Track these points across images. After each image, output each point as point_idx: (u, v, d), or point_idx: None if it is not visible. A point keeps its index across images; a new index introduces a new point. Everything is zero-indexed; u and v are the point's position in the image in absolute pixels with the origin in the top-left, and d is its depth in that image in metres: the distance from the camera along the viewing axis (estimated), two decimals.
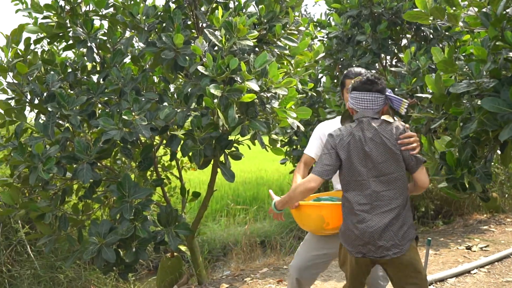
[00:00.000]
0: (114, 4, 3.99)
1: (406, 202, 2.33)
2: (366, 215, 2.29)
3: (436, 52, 3.13)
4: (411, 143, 2.29)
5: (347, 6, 5.51)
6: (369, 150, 2.30)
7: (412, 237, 2.31)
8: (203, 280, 4.44)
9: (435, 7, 2.83)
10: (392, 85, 5.04)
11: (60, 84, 3.82)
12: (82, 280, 4.85)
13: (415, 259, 2.31)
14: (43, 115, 3.86)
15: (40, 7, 3.87)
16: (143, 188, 3.55)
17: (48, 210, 3.63)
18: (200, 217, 4.36)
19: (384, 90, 2.38)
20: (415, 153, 2.29)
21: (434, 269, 4.50)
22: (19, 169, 3.54)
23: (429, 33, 5.49)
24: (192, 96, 3.52)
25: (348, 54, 5.53)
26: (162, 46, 3.57)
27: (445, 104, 2.93)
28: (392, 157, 2.29)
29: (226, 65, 3.23)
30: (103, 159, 3.82)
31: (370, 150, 2.30)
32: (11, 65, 3.57)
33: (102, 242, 3.47)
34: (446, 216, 7.24)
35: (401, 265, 2.28)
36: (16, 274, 4.55)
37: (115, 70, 3.67)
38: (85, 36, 3.86)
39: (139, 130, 3.35)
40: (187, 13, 4.02)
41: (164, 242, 3.71)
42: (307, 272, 2.79)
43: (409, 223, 2.31)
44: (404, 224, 2.28)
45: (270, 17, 3.80)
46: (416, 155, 2.30)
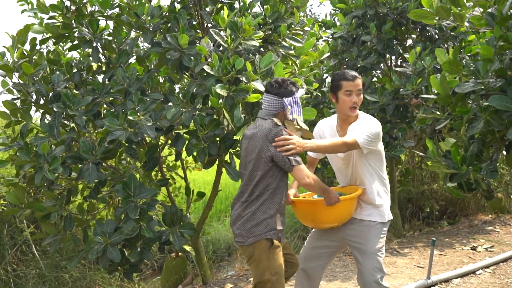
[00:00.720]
0: (119, 4, 4.00)
1: (262, 201, 2.48)
2: (234, 203, 2.62)
3: (440, 54, 3.12)
4: (286, 145, 2.45)
5: (352, 6, 5.51)
6: (245, 147, 2.59)
7: (259, 234, 2.45)
8: (207, 280, 4.44)
9: (441, 7, 2.83)
10: (397, 85, 5.03)
11: (65, 84, 3.83)
12: (87, 280, 4.87)
13: (259, 259, 2.45)
14: (49, 115, 3.88)
15: (46, 7, 3.88)
16: (148, 188, 3.56)
17: (54, 210, 3.64)
18: (205, 217, 4.37)
19: (284, 95, 2.53)
20: (288, 154, 2.44)
21: (439, 270, 4.49)
22: (24, 169, 3.55)
23: (434, 33, 5.48)
24: (198, 96, 3.53)
25: (353, 55, 5.52)
26: (167, 47, 3.58)
27: (450, 104, 2.93)
28: (259, 156, 2.47)
29: (231, 65, 3.23)
30: (108, 159, 3.83)
31: (246, 147, 2.57)
32: (17, 65, 3.58)
33: (107, 242, 3.48)
34: (451, 217, 7.21)
35: (245, 256, 2.53)
36: (21, 273, 4.57)
37: (121, 70, 3.68)
38: (91, 37, 3.88)
39: (144, 130, 3.36)
40: (192, 14, 4.02)
41: (169, 242, 3.72)
42: (311, 262, 2.91)
43: (259, 220, 2.46)
44: (253, 220, 2.47)
45: (275, 18, 3.80)
46: (289, 157, 2.45)
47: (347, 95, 2.71)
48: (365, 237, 2.77)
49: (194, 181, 9.20)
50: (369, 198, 2.79)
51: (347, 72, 2.76)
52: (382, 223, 2.80)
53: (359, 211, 2.82)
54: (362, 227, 2.79)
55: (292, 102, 2.54)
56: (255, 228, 2.47)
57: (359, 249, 2.78)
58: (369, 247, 2.74)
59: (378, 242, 2.77)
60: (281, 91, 2.54)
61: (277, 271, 2.48)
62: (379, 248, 2.76)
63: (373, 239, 2.76)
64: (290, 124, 2.56)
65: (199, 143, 3.42)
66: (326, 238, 2.90)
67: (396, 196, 6.21)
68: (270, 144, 2.45)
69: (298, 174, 2.48)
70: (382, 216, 2.81)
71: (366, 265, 2.73)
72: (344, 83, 2.72)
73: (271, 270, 2.46)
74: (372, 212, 2.80)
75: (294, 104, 2.54)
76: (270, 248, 2.48)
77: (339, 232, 2.86)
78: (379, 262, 2.74)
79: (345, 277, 4.42)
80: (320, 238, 2.93)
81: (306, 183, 2.49)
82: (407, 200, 7.26)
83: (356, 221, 2.82)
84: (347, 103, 2.72)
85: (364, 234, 2.77)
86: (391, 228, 6.25)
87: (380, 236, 2.78)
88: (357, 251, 2.79)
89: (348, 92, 2.71)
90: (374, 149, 2.73)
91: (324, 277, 4.44)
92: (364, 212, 2.81)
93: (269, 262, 2.46)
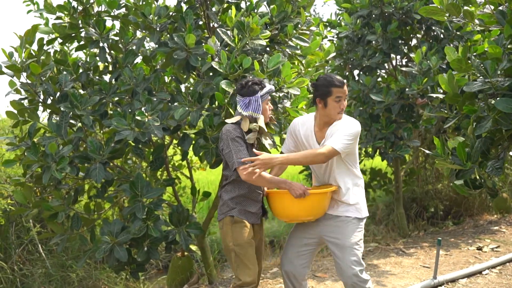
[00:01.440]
0: (125, 4, 4.01)
1: (227, 185, 2.85)
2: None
3: (449, 52, 3.11)
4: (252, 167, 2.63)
5: (358, 6, 5.50)
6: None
7: (224, 212, 2.82)
8: (213, 280, 4.45)
9: (451, 4, 2.82)
10: (403, 85, 5.03)
11: (72, 84, 3.84)
12: (93, 279, 4.88)
13: (225, 232, 2.80)
14: (56, 115, 3.89)
15: (53, 7, 3.89)
16: (155, 188, 3.57)
17: (61, 209, 3.65)
18: (211, 217, 4.38)
19: (247, 95, 2.77)
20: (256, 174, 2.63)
21: (445, 270, 4.48)
22: (32, 168, 3.56)
23: (440, 32, 5.47)
24: (205, 96, 3.54)
25: (358, 54, 5.52)
26: (174, 46, 3.58)
27: (458, 103, 2.92)
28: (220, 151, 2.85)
29: (239, 64, 3.24)
30: (115, 159, 3.84)
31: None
32: (25, 65, 3.59)
33: (114, 241, 3.48)
34: (456, 217, 7.20)
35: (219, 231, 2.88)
36: (27, 272, 4.58)
37: (128, 70, 3.69)
38: (97, 37, 3.89)
39: (152, 130, 3.36)
40: (198, 13, 4.03)
41: (175, 242, 3.72)
42: (293, 262, 2.96)
43: (223, 200, 2.84)
44: (221, 200, 2.86)
45: (282, 17, 3.80)
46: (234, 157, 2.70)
47: (336, 101, 2.78)
48: (342, 232, 2.82)
49: (198, 180, 9.21)
50: (344, 198, 2.85)
51: (336, 78, 2.81)
52: (358, 219, 2.87)
53: (335, 208, 2.88)
54: (338, 223, 2.85)
55: (252, 100, 2.77)
56: (222, 207, 2.84)
57: (337, 244, 2.83)
58: (346, 242, 2.80)
59: (354, 236, 2.82)
60: (244, 92, 2.79)
61: (239, 243, 2.74)
62: (356, 242, 2.81)
63: (349, 233, 2.81)
64: (245, 120, 2.77)
65: (207, 144, 3.43)
66: (304, 236, 2.96)
67: (401, 196, 6.20)
68: (222, 142, 2.77)
69: (239, 172, 2.69)
70: (359, 212, 2.87)
71: (344, 259, 2.79)
72: (334, 89, 2.78)
73: (234, 241, 2.75)
74: (348, 208, 2.86)
75: (254, 102, 2.76)
76: (234, 224, 2.77)
77: (316, 228, 2.92)
78: (356, 255, 2.79)
79: None
80: (298, 236, 2.98)
81: (247, 180, 2.69)
82: (411, 200, 7.25)
83: (332, 217, 2.88)
84: (336, 109, 2.80)
85: (340, 230, 2.83)
86: (396, 228, 6.25)
87: (357, 230, 2.85)
88: (335, 246, 2.84)
89: (338, 98, 2.78)
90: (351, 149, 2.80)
91: (330, 277, 4.45)
92: (340, 209, 2.87)
93: (233, 234, 2.76)
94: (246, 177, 2.67)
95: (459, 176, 2.77)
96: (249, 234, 2.79)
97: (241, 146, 2.72)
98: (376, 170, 6.77)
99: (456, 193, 7.34)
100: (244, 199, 2.82)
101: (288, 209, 2.84)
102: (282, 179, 2.77)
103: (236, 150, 2.71)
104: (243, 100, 2.79)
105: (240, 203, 2.81)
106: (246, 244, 2.76)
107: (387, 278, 4.35)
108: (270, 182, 2.75)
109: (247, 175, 2.65)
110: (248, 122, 2.76)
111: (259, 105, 2.77)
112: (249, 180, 2.69)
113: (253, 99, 2.77)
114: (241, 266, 2.75)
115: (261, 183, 2.75)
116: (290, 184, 2.72)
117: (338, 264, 2.83)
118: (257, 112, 2.77)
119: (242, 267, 2.75)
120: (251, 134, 2.77)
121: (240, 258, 2.75)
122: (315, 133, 2.90)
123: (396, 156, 5.24)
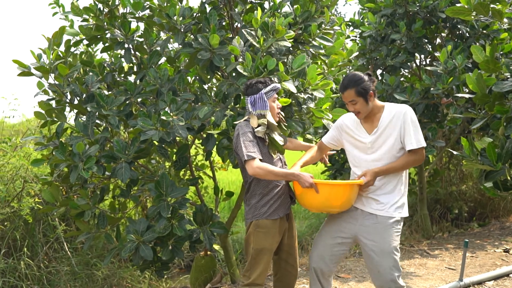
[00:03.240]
0: (150, 6, 4.05)
1: (248, 189, 2.93)
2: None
3: (476, 51, 3.07)
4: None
5: (381, 5, 5.45)
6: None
7: (248, 218, 2.91)
8: (236, 279, 4.46)
9: (479, 3, 2.78)
10: (428, 84, 4.96)
11: (98, 85, 3.90)
12: (117, 277, 4.93)
13: (248, 235, 2.89)
14: (83, 115, 3.95)
15: (79, 10, 3.96)
16: (179, 187, 3.60)
17: (88, 208, 3.71)
18: (234, 216, 4.39)
19: (252, 93, 2.87)
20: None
21: (471, 272, 4.41)
22: (60, 167, 3.63)
23: (465, 31, 5.38)
24: (230, 96, 3.55)
25: (382, 54, 5.46)
26: (198, 47, 3.61)
27: (487, 104, 2.87)
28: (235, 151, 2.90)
29: (263, 65, 3.24)
30: (140, 159, 3.88)
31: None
32: (53, 66, 3.65)
33: (140, 240, 3.52)
34: (481, 219, 7.08)
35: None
36: (53, 270, 4.66)
37: (153, 71, 3.72)
38: (123, 38, 3.94)
39: (176, 130, 3.39)
40: (222, 14, 4.04)
41: (199, 241, 3.75)
42: (324, 260, 2.89)
43: (249, 205, 2.91)
44: (247, 205, 2.93)
45: (306, 17, 3.79)
46: (244, 151, 2.75)
47: (347, 105, 2.80)
48: (381, 235, 2.69)
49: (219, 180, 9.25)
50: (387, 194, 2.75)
51: (340, 84, 2.78)
52: (398, 221, 2.73)
53: (375, 205, 2.75)
54: (377, 224, 2.72)
55: (257, 98, 2.84)
56: (249, 211, 2.91)
57: (375, 248, 2.70)
58: (385, 246, 2.67)
59: (394, 240, 2.70)
60: (249, 91, 2.88)
61: (259, 248, 2.83)
62: (395, 247, 2.69)
63: (389, 237, 2.68)
64: (253, 118, 2.85)
65: (231, 144, 3.44)
66: (338, 235, 2.86)
67: (425, 197, 6.13)
68: (235, 139, 2.85)
69: (247, 166, 2.74)
70: (400, 211, 2.74)
71: (382, 264, 2.67)
72: (341, 95, 2.80)
73: (254, 245, 2.85)
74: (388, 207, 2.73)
75: (259, 100, 2.84)
76: (258, 228, 2.84)
77: (352, 228, 2.82)
78: (396, 261, 2.67)
79: None
80: (332, 235, 2.89)
81: (253, 174, 2.74)
82: (435, 201, 7.16)
83: (370, 216, 2.75)
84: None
85: (379, 232, 2.70)
86: (419, 229, 6.17)
87: (396, 234, 2.72)
88: (372, 250, 2.71)
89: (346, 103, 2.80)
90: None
91: (354, 277, 4.42)
92: (378, 206, 2.74)
93: (254, 238, 2.85)
94: (252, 171, 2.72)
95: (489, 177, 2.72)
96: (273, 239, 2.87)
97: (251, 141, 2.78)
98: None
99: (481, 194, 7.21)
100: (269, 197, 2.86)
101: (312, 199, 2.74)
102: (290, 172, 2.76)
103: (246, 144, 2.77)
104: (249, 100, 2.88)
105: (266, 204, 2.86)
106: (265, 250, 2.86)
107: (412, 279, 4.30)
108: (278, 175, 2.75)
109: (253, 169, 2.70)
110: (256, 119, 2.84)
111: (265, 101, 2.84)
112: (256, 175, 2.73)
113: (257, 97, 2.84)
114: (254, 267, 2.86)
115: (269, 177, 2.75)
116: (299, 176, 2.71)
117: (376, 268, 2.71)
118: (264, 109, 2.84)
119: (255, 268, 2.86)
120: (260, 128, 2.83)
121: (256, 261, 2.86)
122: (362, 124, 2.85)
123: None
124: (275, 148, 2.92)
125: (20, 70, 3.63)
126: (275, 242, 2.89)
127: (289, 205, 2.98)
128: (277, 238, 2.90)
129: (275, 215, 2.86)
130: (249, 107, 2.87)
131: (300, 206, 7.58)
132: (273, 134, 2.92)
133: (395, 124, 2.71)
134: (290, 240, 3.03)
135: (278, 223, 2.88)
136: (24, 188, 4.51)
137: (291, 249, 3.03)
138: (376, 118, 2.78)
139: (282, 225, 2.93)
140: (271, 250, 2.89)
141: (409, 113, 2.71)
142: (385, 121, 2.74)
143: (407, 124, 2.68)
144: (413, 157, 2.69)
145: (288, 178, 2.78)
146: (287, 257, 3.03)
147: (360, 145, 2.84)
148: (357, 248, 5.57)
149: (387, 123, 2.73)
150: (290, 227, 3.03)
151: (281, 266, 3.05)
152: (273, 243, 2.88)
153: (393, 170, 2.68)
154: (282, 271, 3.06)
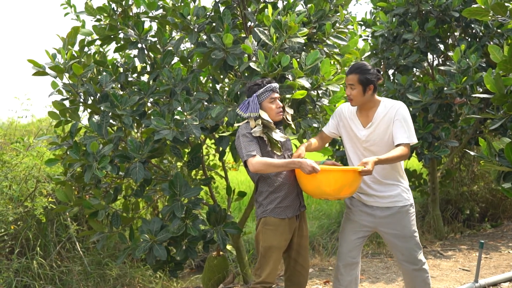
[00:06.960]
0: (163, 5, 4.05)
1: (256, 187, 2.99)
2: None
3: (493, 50, 3.03)
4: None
5: (394, 5, 5.42)
6: None
7: (257, 215, 2.94)
8: (249, 279, 4.45)
9: (496, 3, 2.75)
10: (441, 84, 4.92)
11: (112, 84, 3.90)
12: (128, 277, 4.94)
13: (257, 233, 2.92)
14: (96, 115, 3.96)
15: (93, 9, 3.96)
16: (193, 187, 3.59)
17: (101, 208, 3.71)
18: (246, 216, 4.38)
19: (248, 96, 2.92)
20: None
21: (486, 273, 4.37)
22: (74, 167, 3.63)
23: (479, 30, 5.33)
24: (242, 95, 3.54)
25: (394, 53, 5.43)
26: (211, 46, 3.60)
27: (506, 104, 2.84)
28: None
29: (277, 62, 3.22)
30: (154, 158, 3.88)
31: None
32: (67, 66, 3.66)
33: (154, 240, 3.52)
34: (493, 219, 7.01)
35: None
36: (66, 270, 4.68)
37: (166, 70, 3.72)
38: (136, 38, 3.94)
39: (190, 130, 3.38)
40: (235, 13, 4.04)
41: (213, 241, 3.74)
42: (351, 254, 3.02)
43: (258, 203, 2.95)
44: (255, 203, 2.98)
45: (320, 16, 3.77)
46: (243, 151, 2.80)
47: (346, 87, 2.91)
48: (400, 223, 2.90)
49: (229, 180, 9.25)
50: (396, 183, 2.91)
51: (349, 66, 2.91)
52: (410, 205, 2.93)
53: (386, 199, 2.90)
54: (395, 216, 2.90)
55: (250, 101, 2.88)
56: (258, 209, 2.95)
57: (397, 235, 2.91)
58: (406, 232, 2.90)
59: (412, 224, 2.92)
60: (247, 94, 2.94)
61: (267, 245, 2.85)
62: (414, 229, 2.93)
63: (408, 223, 2.90)
64: (251, 120, 2.87)
65: None
66: (360, 229, 3.02)
67: (437, 198, 6.08)
68: (236, 140, 2.87)
69: (248, 165, 2.77)
70: (409, 197, 2.93)
71: (408, 247, 2.90)
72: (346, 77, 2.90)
73: (263, 242, 2.87)
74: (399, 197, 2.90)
75: (251, 103, 2.87)
76: (266, 226, 2.87)
77: (371, 224, 2.97)
78: (417, 241, 2.93)
79: (388, 279, 4.35)
80: (355, 232, 3.03)
81: (254, 170, 2.76)
82: (446, 202, 7.10)
83: (385, 210, 2.91)
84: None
85: (399, 221, 2.89)
86: (432, 230, 6.12)
87: (412, 218, 2.93)
88: (395, 238, 2.92)
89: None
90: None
91: (367, 278, 4.39)
92: (391, 199, 2.90)
93: (263, 236, 2.88)
94: (253, 168, 2.75)
95: (507, 178, 2.69)
96: (281, 237, 2.88)
97: (250, 141, 2.80)
98: (411, 171, 6.65)
99: (493, 195, 7.15)
100: (275, 195, 2.88)
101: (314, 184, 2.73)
102: (290, 160, 2.75)
103: (245, 144, 2.80)
104: (243, 103, 2.93)
105: (273, 201, 2.88)
106: (274, 248, 2.87)
107: None
108: (278, 166, 2.75)
109: (253, 165, 2.73)
110: (253, 120, 2.86)
111: (256, 104, 2.86)
112: (257, 171, 2.75)
113: (250, 100, 2.89)
114: (264, 265, 2.88)
115: (270, 169, 2.76)
116: (300, 163, 2.70)
117: (399, 251, 2.93)
118: (254, 111, 2.86)
119: (265, 266, 2.88)
120: (256, 128, 2.84)
121: (265, 259, 2.88)
122: (357, 115, 2.96)
123: (434, 157, 5.13)
124: (276, 147, 2.91)
125: (35, 70, 3.64)
126: (283, 240, 2.89)
127: (298, 208, 2.96)
128: (286, 236, 2.90)
129: (282, 215, 2.87)
130: (240, 110, 2.93)
131: (311, 206, 7.55)
132: (271, 133, 2.92)
133: (388, 119, 2.84)
134: (300, 239, 3.02)
135: (287, 221, 2.89)
136: (37, 188, 4.52)
137: (301, 248, 3.02)
138: (372, 112, 2.90)
139: (292, 224, 2.93)
140: (279, 248, 2.89)
141: (402, 109, 2.84)
142: (380, 115, 2.87)
143: (397, 119, 2.81)
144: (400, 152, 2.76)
145: (290, 167, 2.76)
146: (296, 256, 3.02)
147: (355, 139, 2.95)
148: (369, 248, 5.54)
149: (382, 117, 2.85)
150: (300, 226, 3.02)
151: (291, 265, 3.05)
152: (281, 241, 2.88)
153: (391, 160, 2.75)
154: (291, 270, 3.05)
